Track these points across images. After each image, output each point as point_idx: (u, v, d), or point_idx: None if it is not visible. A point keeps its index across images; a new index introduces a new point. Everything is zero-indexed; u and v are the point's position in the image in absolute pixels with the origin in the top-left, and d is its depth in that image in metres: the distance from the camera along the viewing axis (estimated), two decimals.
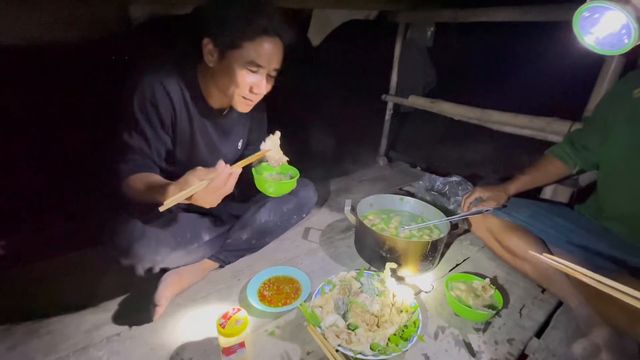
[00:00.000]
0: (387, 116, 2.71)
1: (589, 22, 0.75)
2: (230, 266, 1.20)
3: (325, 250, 1.32)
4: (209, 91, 0.99)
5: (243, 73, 0.88)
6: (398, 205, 1.39)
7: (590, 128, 1.17)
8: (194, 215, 1.10)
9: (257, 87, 0.92)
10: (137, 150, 0.93)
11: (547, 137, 1.71)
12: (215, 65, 0.91)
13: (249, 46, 0.86)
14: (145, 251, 0.91)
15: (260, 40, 0.86)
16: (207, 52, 0.90)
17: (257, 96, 0.95)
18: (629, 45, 0.69)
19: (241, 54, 0.86)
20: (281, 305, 0.99)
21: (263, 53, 0.87)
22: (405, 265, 1.11)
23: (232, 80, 0.89)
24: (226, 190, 0.79)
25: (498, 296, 0.99)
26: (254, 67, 0.88)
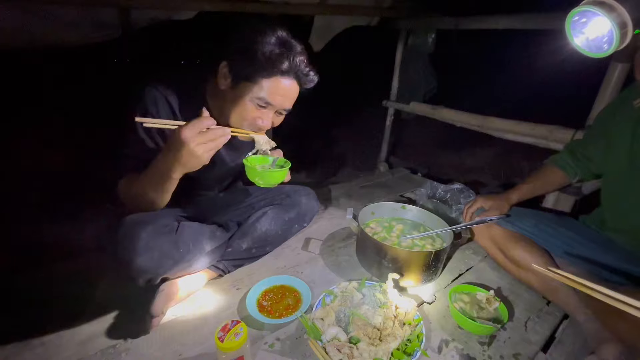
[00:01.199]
0: (387, 122, 2.72)
1: (579, 25, 0.79)
2: (229, 275, 1.17)
3: (326, 259, 1.30)
4: (217, 110, 0.96)
5: (251, 107, 0.87)
6: (400, 213, 1.38)
7: (592, 138, 1.16)
8: (196, 224, 1.08)
9: (263, 121, 0.90)
10: (137, 156, 0.92)
11: (550, 145, 1.70)
12: (226, 90, 0.90)
13: (264, 83, 0.84)
14: (149, 264, 0.89)
15: (275, 80, 0.84)
16: (222, 75, 0.89)
17: (260, 129, 0.93)
18: (610, 49, 0.74)
19: (254, 88, 0.85)
20: (281, 317, 0.97)
21: (276, 93, 0.85)
22: (408, 275, 1.09)
23: (239, 111, 0.88)
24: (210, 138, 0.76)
25: (503, 309, 0.97)
26: (264, 103, 0.87)
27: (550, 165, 1.25)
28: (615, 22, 0.69)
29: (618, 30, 0.69)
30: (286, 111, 0.94)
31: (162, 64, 1.00)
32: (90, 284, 1.08)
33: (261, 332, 0.94)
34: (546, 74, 1.63)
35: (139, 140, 0.93)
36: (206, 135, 0.76)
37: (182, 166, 0.79)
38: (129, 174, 0.92)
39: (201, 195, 1.23)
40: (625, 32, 0.69)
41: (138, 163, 0.91)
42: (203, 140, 0.75)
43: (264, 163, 1.03)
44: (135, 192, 0.89)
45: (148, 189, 0.86)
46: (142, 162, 0.90)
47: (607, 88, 1.46)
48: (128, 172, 0.92)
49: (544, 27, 1.70)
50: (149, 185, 0.86)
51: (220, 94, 0.92)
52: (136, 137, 0.93)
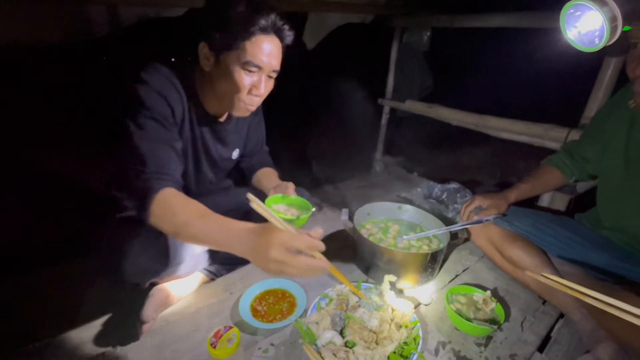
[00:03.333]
0: (383, 120, 2.70)
1: (573, 18, 0.80)
2: (222, 279, 1.15)
3: None
4: (206, 98, 0.95)
5: (241, 75, 0.85)
6: (396, 214, 1.36)
7: (588, 139, 1.16)
8: None
9: (257, 89, 0.88)
10: (159, 143, 0.81)
11: (545, 144, 1.70)
12: (212, 70, 0.87)
13: (247, 46, 0.82)
14: (137, 270, 0.86)
15: (258, 39, 0.82)
16: (203, 56, 0.86)
17: (257, 99, 0.91)
18: (601, 43, 0.75)
19: (238, 54, 0.83)
20: (275, 321, 0.95)
21: (261, 52, 0.83)
22: (404, 277, 1.07)
23: (230, 84, 0.85)
24: (295, 264, 0.61)
25: (499, 310, 0.96)
26: (253, 67, 0.84)
27: (548, 165, 1.25)
28: (606, 16, 0.70)
29: (608, 24, 0.70)
30: (276, 73, 0.90)
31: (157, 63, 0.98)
32: (77, 289, 1.05)
33: (255, 338, 0.91)
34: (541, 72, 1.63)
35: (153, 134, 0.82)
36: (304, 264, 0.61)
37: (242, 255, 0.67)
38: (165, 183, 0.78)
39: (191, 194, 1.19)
40: (615, 26, 0.70)
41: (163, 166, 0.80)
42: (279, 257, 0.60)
43: (280, 202, 1.06)
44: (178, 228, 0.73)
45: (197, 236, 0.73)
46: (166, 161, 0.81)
47: (601, 87, 1.46)
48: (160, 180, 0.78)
49: (538, 25, 1.69)
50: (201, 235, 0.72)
51: (207, 78, 0.89)
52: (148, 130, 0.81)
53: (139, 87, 0.82)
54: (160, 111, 0.83)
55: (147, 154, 0.79)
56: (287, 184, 1.15)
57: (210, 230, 0.70)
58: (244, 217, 1.17)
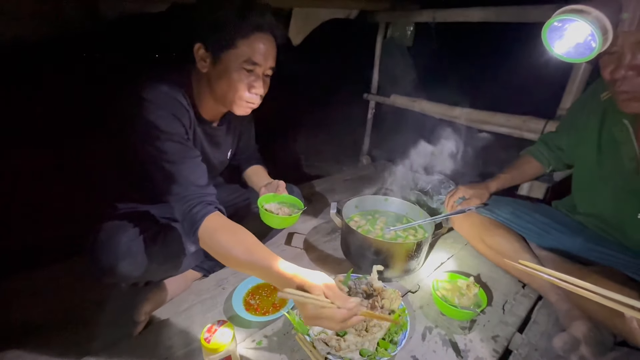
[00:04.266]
0: (369, 115, 2.73)
1: (556, 34, 0.81)
2: (214, 275, 1.16)
3: (311, 253, 1.30)
4: (202, 102, 0.95)
5: (240, 74, 0.86)
6: (383, 206, 1.40)
7: (563, 130, 1.21)
8: (179, 225, 1.06)
9: (256, 87, 0.89)
10: (190, 174, 0.83)
11: (523, 135, 1.77)
12: (209, 71, 0.87)
13: (244, 44, 0.83)
14: (131, 269, 0.86)
15: (254, 38, 0.84)
16: (200, 58, 0.86)
17: (257, 97, 0.92)
18: (593, 53, 0.75)
19: (236, 53, 0.84)
20: (268, 314, 0.97)
21: (259, 50, 0.85)
22: (392, 266, 1.11)
23: (230, 83, 0.86)
24: (334, 327, 0.66)
25: (482, 294, 1.01)
26: (251, 65, 0.85)
27: (526, 155, 1.31)
28: (595, 25, 0.70)
29: (599, 33, 0.70)
30: (272, 70, 0.92)
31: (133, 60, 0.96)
32: (69, 289, 1.04)
33: (248, 330, 0.93)
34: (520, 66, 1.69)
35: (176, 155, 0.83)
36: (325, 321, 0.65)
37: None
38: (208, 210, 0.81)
39: None
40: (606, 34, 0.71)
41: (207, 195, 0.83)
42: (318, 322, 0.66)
43: (273, 201, 1.11)
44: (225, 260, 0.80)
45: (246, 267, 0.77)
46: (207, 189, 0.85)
47: (575, 80, 1.53)
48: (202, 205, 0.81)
49: (516, 20, 1.75)
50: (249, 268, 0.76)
51: (205, 79, 0.90)
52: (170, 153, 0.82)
53: (149, 111, 0.81)
54: (177, 131, 0.85)
55: (179, 177, 0.82)
56: (278, 182, 1.17)
57: (254, 270, 0.76)
58: (235, 213, 1.19)
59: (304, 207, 1.13)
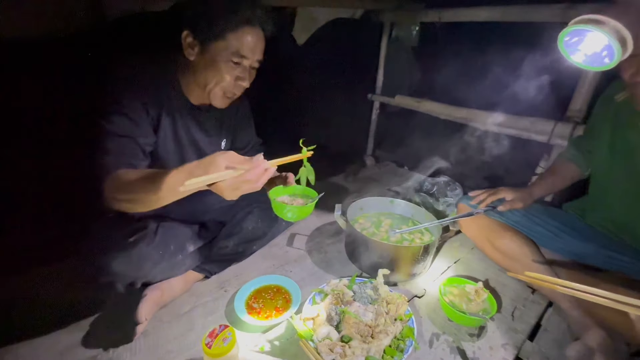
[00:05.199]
0: (373, 115, 2.71)
1: (573, 42, 0.77)
2: (216, 277, 1.14)
3: (315, 256, 1.28)
4: (189, 87, 0.95)
5: (227, 65, 0.86)
6: (388, 208, 1.37)
7: (588, 133, 1.18)
8: (178, 224, 1.04)
9: (242, 79, 0.90)
10: (124, 138, 0.83)
11: (532, 137, 1.74)
12: (196, 59, 0.87)
13: (232, 37, 0.83)
14: (126, 268, 0.85)
15: (243, 31, 0.84)
16: (187, 45, 0.86)
17: (240, 88, 0.92)
18: (613, 62, 0.71)
19: (225, 45, 0.84)
20: (271, 318, 0.94)
21: (247, 44, 0.85)
22: (398, 270, 1.08)
23: (215, 74, 0.86)
24: (256, 186, 0.68)
25: (491, 300, 0.98)
26: (238, 58, 0.86)
27: (563, 160, 1.22)
28: (611, 35, 0.66)
29: (617, 43, 0.66)
30: (259, 63, 0.92)
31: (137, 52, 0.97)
32: (66, 289, 1.02)
33: (251, 335, 0.91)
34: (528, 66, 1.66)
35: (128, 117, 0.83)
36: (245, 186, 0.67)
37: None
38: (122, 163, 0.80)
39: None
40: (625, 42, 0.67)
41: (132, 148, 0.83)
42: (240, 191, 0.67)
43: (284, 194, 1.06)
44: (128, 192, 0.75)
45: (144, 193, 0.73)
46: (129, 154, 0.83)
47: (585, 81, 1.49)
48: (119, 159, 0.80)
49: (523, 19, 1.72)
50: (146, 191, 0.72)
51: (191, 67, 0.90)
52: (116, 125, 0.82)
53: (110, 82, 0.83)
54: (130, 105, 0.84)
55: (112, 149, 0.80)
56: (287, 174, 1.14)
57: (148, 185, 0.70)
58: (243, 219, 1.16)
59: (319, 195, 1.06)
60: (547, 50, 1.10)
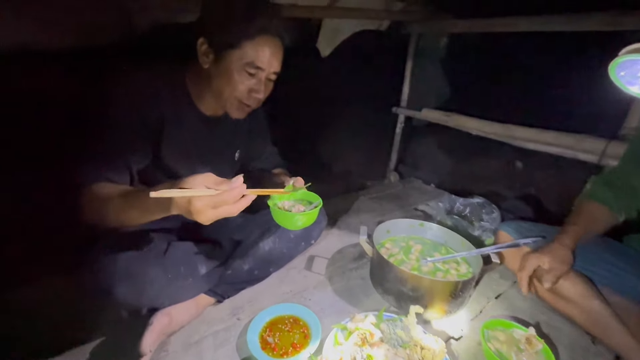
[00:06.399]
0: (397, 129, 2.61)
1: (626, 71, 0.68)
2: (229, 301, 1.05)
3: (336, 282, 1.17)
4: (201, 96, 0.91)
5: (241, 75, 0.82)
6: (418, 232, 1.25)
7: (630, 162, 1.00)
8: (189, 244, 0.97)
9: (256, 92, 0.85)
10: (109, 151, 0.79)
11: (577, 156, 1.57)
12: (210, 67, 0.83)
13: (249, 46, 0.79)
14: (130, 294, 0.78)
15: (260, 40, 0.80)
16: (202, 53, 0.82)
17: (255, 101, 0.88)
18: None
19: (240, 54, 0.80)
20: (287, 356, 0.84)
21: (263, 54, 0.81)
22: (431, 306, 0.96)
23: (230, 84, 0.83)
24: (232, 211, 0.63)
25: (548, 352, 0.83)
26: (253, 69, 0.82)
27: (590, 201, 1.02)
28: None
29: None
30: (276, 75, 0.88)
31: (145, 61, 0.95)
32: (66, 309, 0.93)
33: None
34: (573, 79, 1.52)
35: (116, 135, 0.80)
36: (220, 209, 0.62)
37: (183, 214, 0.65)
38: (103, 177, 0.77)
39: None
40: None
41: (113, 166, 0.79)
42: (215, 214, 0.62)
43: (284, 199, 0.95)
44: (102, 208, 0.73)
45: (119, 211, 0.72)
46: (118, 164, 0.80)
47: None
48: (100, 177, 0.77)
49: (568, 29, 1.58)
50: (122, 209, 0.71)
51: (205, 75, 0.86)
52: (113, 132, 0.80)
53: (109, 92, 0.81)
54: (124, 118, 0.80)
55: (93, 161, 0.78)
56: (295, 178, 1.04)
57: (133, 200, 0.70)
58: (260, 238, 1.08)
59: (321, 202, 0.94)
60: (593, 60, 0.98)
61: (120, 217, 0.72)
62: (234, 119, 0.99)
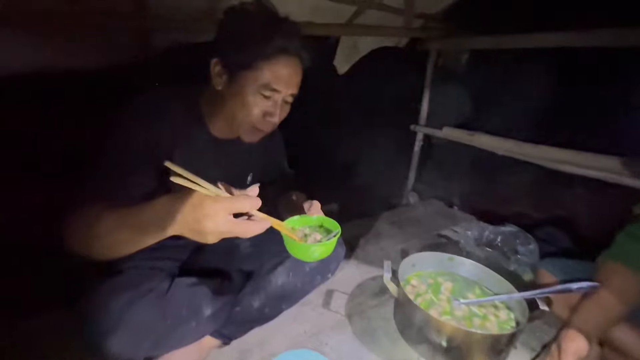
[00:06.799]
0: (416, 148, 2.51)
1: None
2: (236, 343, 0.95)
3: (356, 323, 1.05)
4: (214, 119, 0.85)
5: (256, 98, 0.76)
6: (447, 266, 1.12)
7: None
8: (192, 281, 0.87)
9: (271, 115, 0.78)
10: (109, 177, 0.71)
11: (623, 181, 1.42)
12: (223, 89, 0.78)
13: (265, 67, 0.73)
14: (124, 345, 0.68)
15: (278, 61, 0.74)
16: (216, 73, 0.77)
17: (269, 125, 0.81)
18: None
19: (255, 75, 0.74)
20: None
21: (280, 75, 0.75)
22: None
23: (243, 106, 0.77)
24: (245, 230, 0.54)
25: None
26: (269, 91, 0.75)
27: (616, 264, 0.85)
28: None
29: None
30: (293, 97, 0.81)
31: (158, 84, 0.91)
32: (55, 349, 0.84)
33: None
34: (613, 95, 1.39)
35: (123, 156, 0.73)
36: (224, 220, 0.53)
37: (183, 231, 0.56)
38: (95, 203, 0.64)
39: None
40: None
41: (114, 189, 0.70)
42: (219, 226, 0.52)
43: (305, 225, 0.84)
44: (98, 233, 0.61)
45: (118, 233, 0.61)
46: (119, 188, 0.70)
47: None
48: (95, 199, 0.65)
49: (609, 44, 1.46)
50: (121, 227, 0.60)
51: (218, 97, 0.80)
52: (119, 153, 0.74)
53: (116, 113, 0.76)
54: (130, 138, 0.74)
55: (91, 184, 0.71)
56: (311, 202, 0.93)
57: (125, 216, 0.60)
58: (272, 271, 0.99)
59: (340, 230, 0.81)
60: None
61: (109, 241, 0.61)
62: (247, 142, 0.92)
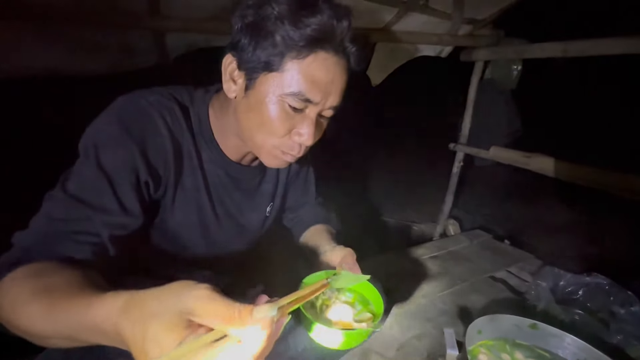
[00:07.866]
0: (455, 169, 2.22)
1: None
2: None
3: None
4: (225, 136, 0.65)
5: (280, 113, 0.53)
6: (527, 337, 0.83)
7: None
8: None
9: (302, 135, 0.55)
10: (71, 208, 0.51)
11: None
12: (239, 97, 0.57)
13: (294, 68, 0.50)
14: None
15: (316, 59, 0.51)
16: (229, 76, 0.56)
17: (300, 149, 0.58)
18: None
19: (280, 80, 0.51)
20: None
21: (317, 80, 0.51)
22: None
23: (264, 123, 0.54)
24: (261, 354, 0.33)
25: None
26: (300, 103, 0.52)
27: None
28: None
29: None
30: (333, 110, 0.57)
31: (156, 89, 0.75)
32: None
33: None
34: None
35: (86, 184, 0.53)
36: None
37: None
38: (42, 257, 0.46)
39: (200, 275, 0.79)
40: None
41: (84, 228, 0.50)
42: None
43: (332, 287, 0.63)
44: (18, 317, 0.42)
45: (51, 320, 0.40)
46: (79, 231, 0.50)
47: None
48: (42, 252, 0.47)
49: None
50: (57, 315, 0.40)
51: (230, 108, 0.60)
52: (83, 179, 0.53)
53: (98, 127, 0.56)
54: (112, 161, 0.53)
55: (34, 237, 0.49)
56: (344, 250, 0.71)
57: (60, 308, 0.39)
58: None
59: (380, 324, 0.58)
60: None
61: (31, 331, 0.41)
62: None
